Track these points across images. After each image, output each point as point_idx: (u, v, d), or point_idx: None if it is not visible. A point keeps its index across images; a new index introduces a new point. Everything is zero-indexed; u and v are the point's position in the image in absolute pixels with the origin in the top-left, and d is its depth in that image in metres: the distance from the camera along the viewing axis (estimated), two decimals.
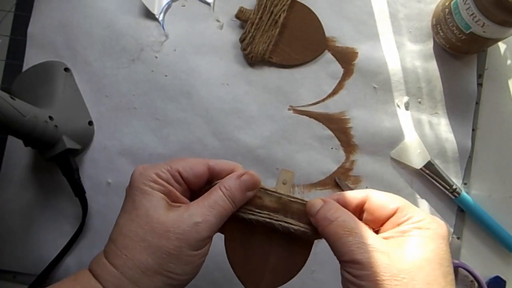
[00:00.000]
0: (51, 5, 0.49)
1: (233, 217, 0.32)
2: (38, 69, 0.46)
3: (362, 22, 0.48)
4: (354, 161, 0.47)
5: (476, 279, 0.46)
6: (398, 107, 0.48)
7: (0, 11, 0.49)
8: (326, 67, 0.48)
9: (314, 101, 0.48)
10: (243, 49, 0.47)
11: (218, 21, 0.48)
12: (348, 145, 0.47)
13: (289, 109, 0.48)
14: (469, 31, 0.42)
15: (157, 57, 0.48)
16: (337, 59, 0.48)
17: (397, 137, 0.47)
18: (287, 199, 0.32)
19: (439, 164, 0.47)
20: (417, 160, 0.46)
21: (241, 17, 0.47)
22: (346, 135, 0.47)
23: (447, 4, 0.44)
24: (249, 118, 0.47)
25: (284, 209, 0.32)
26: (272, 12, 0.47)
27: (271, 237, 0.32)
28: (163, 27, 0.48)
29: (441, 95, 0.48)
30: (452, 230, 0.47)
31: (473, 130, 0.48)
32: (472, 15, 0.41)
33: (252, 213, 0.32)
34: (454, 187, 0.46)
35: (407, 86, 0.48)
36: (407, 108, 0.48)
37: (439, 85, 0.48)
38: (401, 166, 0.47)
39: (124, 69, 0.48)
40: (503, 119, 0.48)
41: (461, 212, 0.47)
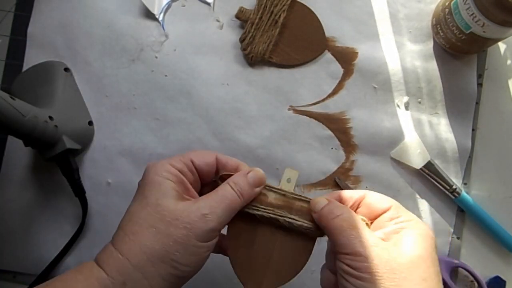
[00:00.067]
0: (51, 5, 0.49)
1: (238, 214, 0.32)
2: (38, 69, 0.46)
3: (362, 22, 0.48)
4: (354, 161, 0.47)
5: (476, 279, 0.46)
6: (398, 107, 0.48)
7: (0, 11, 0.49)
8: (326, 67, 0.48)
9: (314, 101, 0.48)
10: (243, 49, 0.47)
11: (218, 21, 0.48)
12: (348, 145, 0.47)
13: (289, 109, 0.48)
14: (469, 31, 0.42)
15: (157, 57, 0.48)
16: (337, 59, 0.48)
17: (397, 137, 0.47)
18: (291, 197, 0.33)
19: (439, 164, 0.47)
20: (417, 160, 0.46)
21: (241, 17, 0.47)
22: (346, 135, 0.47)
23: (447, 4, 0.44)
24: (249, 118, 0.47)
25: (288, 206, 0.33)
26: (272, 12, 0.47)
27: (274, 235, 0.33)
28: (163, 27, 0.48)
29: (441, 95, 0.48)
30: (452, 230, 0.47)
31: (473, 130, 0.48)
32: (472, 15, 0.41)
33: (257, 208, 0.33)
34: (454, 187, 0.46)
35: (407, 86, 0.48)
36: (407, 108, 0.48)
37: (439, 85, 0.48)
38: (401, 166, 0.47)
39: (124, 69, 0.48)
40: (503, 119, 0.48)
41: (461, 212, 0.47)
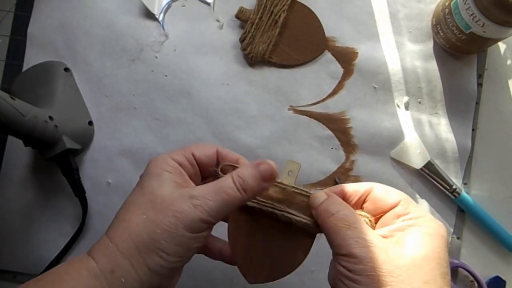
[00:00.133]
0: (51, 5, 0.49)
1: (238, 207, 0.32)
2: (38, 69, 0.46)
3: (362, 22, 0.48)
4: (354, 161, 0.47)
5: (476, 279, 0.46)
6: (398, 107, 0.48)
7: (0, 11, 0.49)
8: (326, 67, 0.48)
9: (314, 101, 0.48)
10: (243, 49, 0.47)
11: (218, 21, 0.48)
12: (348, 145, 0.47)
13: (289, 109, 0.48)
14: (469, 31, 0.42)
15: (157, 57, 0.48)
16: (337, 59, 0.48)
17: (397, 137, 0.47)
18: (291, 190, 0.32)
19: (439, 164, 0.47)
20: (417, 160, 0.46)
21: (241, 17, 0.47)
22: (346, 135, 0.47)
23: (447, 4, 0.44)
24: (249, 118, 0.47)
25: (288, 200, 0.32)
26: (272, 12, 0.47)
27: (274, 229, 0.32)
28: (163, 27, 0.48)
29: (441, 95, 0.48)
30: (452, 230, 0.47)
31: (473, 130, 0.48)
32: (472, 15, 0.41)
33: (256, 201, 0.32)
34: (454, 187, 0.46)
35: (407, 86, 0.48)
36: (407, 108, 0.48)
37: (439, 85, 0.48)
38: (401, 166, 0.47)
39: (124, 69, 0.48)
40: (503, 119, 0.48)
41: (461, 212, 0.47)
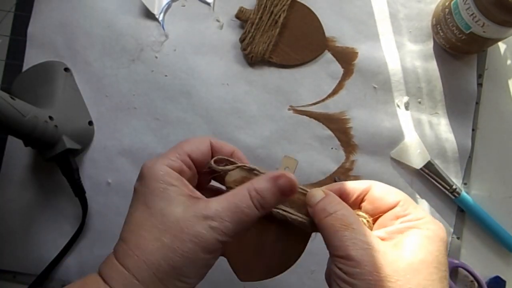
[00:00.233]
0: (51, 5, 0.49)
1: None
2: (38, 69, 0.46)
3: (362, 22, 0.48)
4: (354, 161, 0.47)
5: (476, 279, 0.46)
6: (398, 107, 0.48)
7: (0, 11, 0.49)
8: (326, 67, 0.48)
9: (314, 101, 0.48)
10: (243, 49, 0.47)
11: (218, 21, 0.48)
12: (348, 145, 0.47)
13: (289, 109, 0.48)
14: (469, 31, 0.42)
15: (157, 57, 0.48)
16: (337, 59, 0.48)
17: (397, 137, 0.47)
18: None
19: (439, 164, 0.47)
20: (417, 160, 0.46)
21: (241, 17, 0.47)
22: (346, 135, 0.47)
23: (447, 4, 0.44)
24: (249, 118, 0.47)
25: None
26: (272, 12, 0.47)
27: (268, 226, 0.31)
28: (163, 27, 0.48)
29: (441, 95, 0.48)
30: (452, 230, 0.47)
31: (473, 130, 0.48)
32: (472, 15, 0.41)
33: None
34: (454, 187, 0.46)
35: (407, 86, 0.48)
36: (407, 108, 0.48)
37: (439, 85, 0.48)
38: (401, 166, 0.47)
39: (124, 69, 0.48)
40: (503, 119, 0.48)
41: (461, 212, 0.47)
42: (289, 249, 0.32)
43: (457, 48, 0.46)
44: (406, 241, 0.27)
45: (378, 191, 0.30)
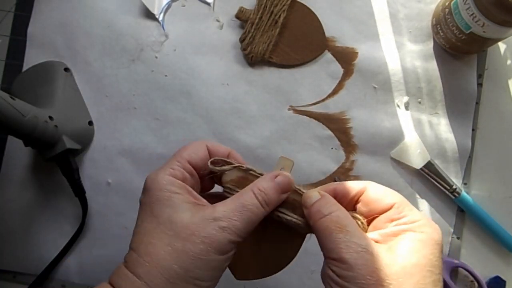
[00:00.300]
0: (51, 5, 0.49)
1: None
2: (38, 69, 0.46)
3: (362, 22, 0.48)
4: (354, 161, 0.47)
5: (476, 279, 0.46)
6: (398, 107, 0.48)
7: (0, 11, 0.49)
8: (326, 67, 0.48)
9: (314, 101, 0.48)
10: (243, 49, 0.47)
11: (218, 21, 0.48)
12: (348, 145, 0.47)
13: (289, 109, 0.48)
14: (469, 31, 0.42)
15: (157, 57, 0.48)
16: (337, 59, 0.48)
17: (397, 137, 0.47)
18: None
19: (439, 164, 0.47)
20: (417, 160, 0.46)
21: (241, 17, 0.47)
22: (346, 135, 0.47)
23: (447, 4, 0.44)
24: (249, 118, 0.47)
25: None
26: (272, 12, 0.47)
27: (264, 227, 0.32)
28: (163, 27, 0.48)
29: (441, 95, 0.48)
30: (452, 230, 0.47)
31: (473, 130, 0.48)
32: (472, 15, 0.41)
33: None
34: (454, 187, 0.46)
35: (407, 86, 0.48)
36: (407, 108, 0.48)
37: (439, 85, 0.48)
38: (401, 166, 0.47)
39: (124, 69, 0.48)
40: (503, 119, 0.48)
41: (461, 212, 0.47)
42: (284, 250, 0.32)
43: (457, 48, 0.46)
44: (400, 244, 0.27)
45: (373, 193, 0.30)
